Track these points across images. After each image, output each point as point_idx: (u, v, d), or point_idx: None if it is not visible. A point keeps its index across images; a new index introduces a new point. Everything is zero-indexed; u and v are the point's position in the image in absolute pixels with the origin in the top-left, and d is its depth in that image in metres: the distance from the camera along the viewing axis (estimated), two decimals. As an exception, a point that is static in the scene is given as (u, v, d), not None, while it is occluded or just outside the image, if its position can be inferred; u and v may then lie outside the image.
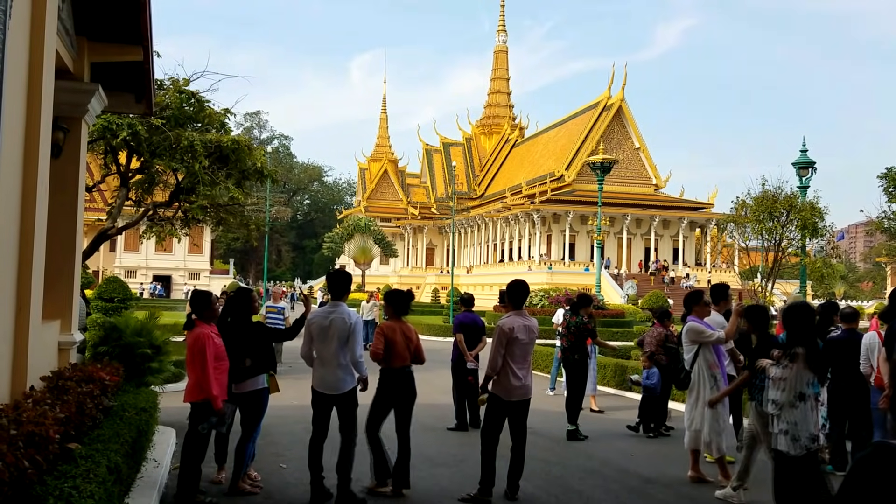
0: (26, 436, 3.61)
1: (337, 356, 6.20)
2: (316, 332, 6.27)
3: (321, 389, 6.25)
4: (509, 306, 6.72)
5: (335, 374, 6.20)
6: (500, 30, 76.85)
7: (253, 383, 6.40)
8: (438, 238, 73.43)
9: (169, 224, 15.68)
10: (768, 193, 18.54)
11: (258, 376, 6.44)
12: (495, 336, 6.53)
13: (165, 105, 12.54)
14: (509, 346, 6.46)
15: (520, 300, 6.68)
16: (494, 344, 6.52)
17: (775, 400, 5.73)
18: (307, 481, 6.32)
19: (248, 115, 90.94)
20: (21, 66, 4.87)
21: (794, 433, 5.57)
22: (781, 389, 5.69)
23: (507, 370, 6.48)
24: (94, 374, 5.79)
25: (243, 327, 6.50)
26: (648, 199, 56.16)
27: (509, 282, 6.83)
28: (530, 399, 6.69)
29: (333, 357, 6.20)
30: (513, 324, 6.51)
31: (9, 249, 4.79)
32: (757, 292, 19.20)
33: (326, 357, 6.22)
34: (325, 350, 6.22)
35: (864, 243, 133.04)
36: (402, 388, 6.60)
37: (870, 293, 74.55)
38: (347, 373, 6.26)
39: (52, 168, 5.84)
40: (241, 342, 6.36)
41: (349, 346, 6.22)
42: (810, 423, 5.57)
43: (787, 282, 29.50)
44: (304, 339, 6.42)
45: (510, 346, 6.47)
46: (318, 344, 6.27)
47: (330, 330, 6.20)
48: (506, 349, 6.47)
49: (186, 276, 60.17)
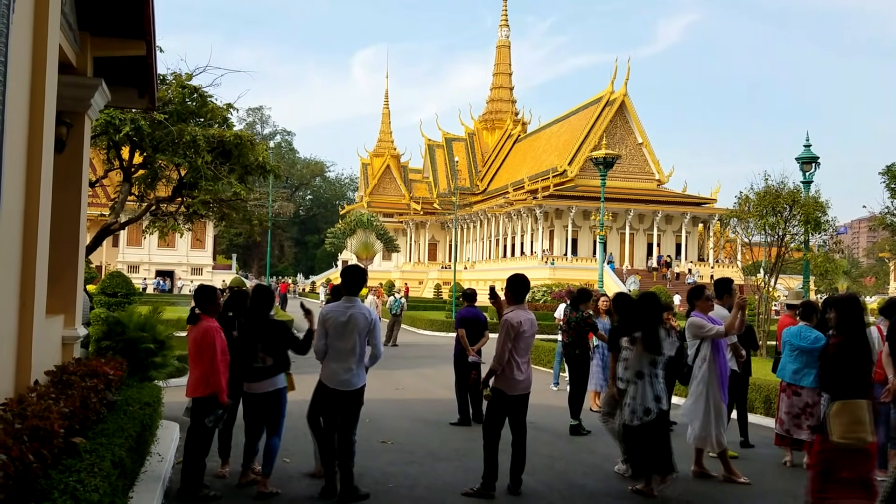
0: (31, 430, 3.62)
1: (354, 352, 6.10)
2: (333, 328, 6.12)
3: (330, 385, 6.13)
4: (510, 301, 6.70)
5: (349, 371, 6.09)
6: (503, 25, 76.67)
7: (273, 382, 6.36)
8: (441, 233, 73.40)
9: (172, 219, 15.70)
10: (771, 188, 18.50)
11: (279, 375, 6.40)
12: (502, 330, 6.52)
13: (168, 100, 12.54)
14: (516, 341, 6.48)
15: (521, 294, 6.68)
16: (502, 338, 6.50)
17: (622, 377, 6.75)
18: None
19: (250, 111, 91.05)
20: (24, 61, 4.87)
21: (633, 406, 6.53)
22: (626, 368, 6.72)
23: (512, 364, 6.50)
24: (97, 369, 5.80)
25: (263, 325, 6.41)
26: (651, 194, 56.05)
27: (509, 276, 6.81)
28: (530, 393, 6.72)
29: (350, 353, 6.09)
30: (519, 318, 6.51)
31: (12, 244, 4.80)
32: (760, 287, 19.18)
33: (342, 353, 6.10)
34: (341, 345, 6.09)
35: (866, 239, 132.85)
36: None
37: (873, 289, 74.40)
38: (360, 369, 6.17)
39: (56, 163, 5.84)
40: (261, 340, 6.30)
41: (372, 342, 6.21)
42: (647, 398, 6.48)
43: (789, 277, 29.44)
44: (317, 334, 6.28)
45: (516, 341, 6.48)
46: (333, 340, 6.12)
47: (348, 325, 6.08)
48: (513, 343, 6.48)
49: (189, 272, 60.21)
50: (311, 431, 6.88)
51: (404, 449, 8.28)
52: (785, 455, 8.07)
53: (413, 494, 6.49)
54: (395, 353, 19.59)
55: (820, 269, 21.42)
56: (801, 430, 7.83)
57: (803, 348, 7.89)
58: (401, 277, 64.79)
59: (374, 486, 6.61)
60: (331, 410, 6.22)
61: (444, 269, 63.84)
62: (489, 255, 63.68)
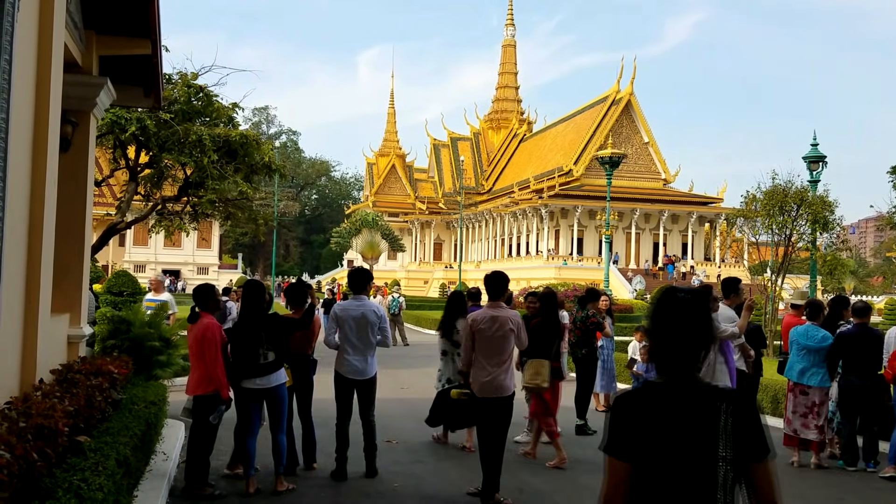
0: (35, 428, 3.61)
1: (367, 344, 6.81)
2: (349, 323, 6.78)
3: (348, 375, 6.78)
4: (489, 298, 6.50)
5: (365, 361, 6.81)
6: (508, 24, 76.57)
7: (277, 377, 6.32)
8: (446, 233, 73.37)
9: (178, 218, 15.70)
10: (778, 187, 18.40)
11: (280, 370, 6.37)
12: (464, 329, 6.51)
13: (174, 99, 12.55)
14: (476, 340, 6.24)
15: (494, 292, 6.36)
16: (463, 337, 6.50)
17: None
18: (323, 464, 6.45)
19: (256, 110, 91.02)
20: (30, 60, 4.87)
21: (439, 376, 8.54)
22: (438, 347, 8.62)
23: (477, 364, 6.24)
24: (103, 368, 5.80)
25: (259, 320, 6.35)
26: (657, 193, 55.90)
27: (486, 274, 6.58)
28: (508, 399, 6.24)
29: (364, 346, 6.80)
30: (476, 315, 6.33)
31: (18, 243, 4.79)
32: (767, 287, 19.09)
33: (358, 345, 6.78)
34: (356, 339, 6.78)
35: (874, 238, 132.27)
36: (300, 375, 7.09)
37: (880, 288, 74.09)
38: (373, 360, 6.92)
39: (61, 162, 5.84)
40: (259, 335, 6.23)
41: (382, 334, 6.95)
42: (446, 373, 8.43)
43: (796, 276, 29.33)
44: (328, 327, 6.95)
45: (477, 340, 6.23)
46: (349, 333, 6.77)
47: (360, 321, 6.78)
48: (473, 342, 6.26)
49: (195, 271, 60.35)
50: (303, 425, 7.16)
51: (410, 448, 8.27)
52: (792, 455, 8.01)
53: (419, 493, 6.48)
54: (401, 353, 19.58)
55: (829, 267, 21.31)
56: (809, 429, 7.79)
57: (810, 347, 7.85)
58: (406, 277, 64.80)
59: (379, 486, 6.61)
60: (346, 399, 6.86)
61: (449, 268, 63.81)
62: (494, 255, 63.63)
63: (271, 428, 6.38)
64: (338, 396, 6.90)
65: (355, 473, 6.83)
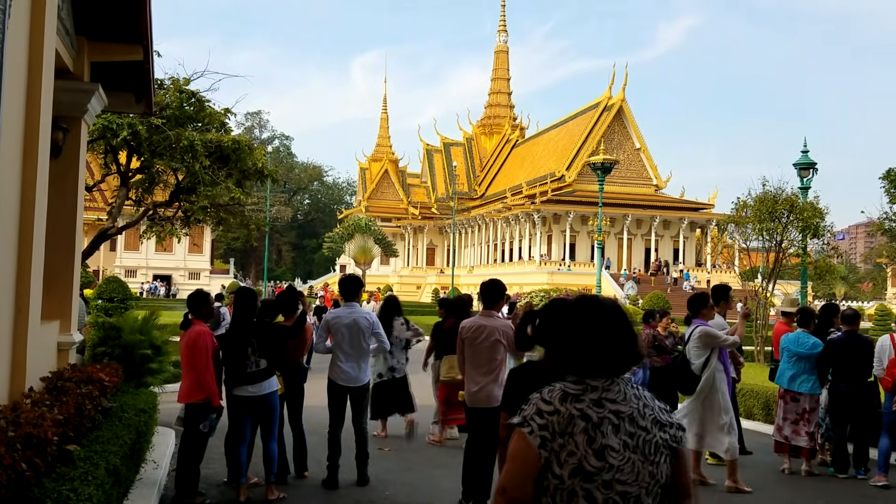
0: (24, 437, 3.58)
1: (359, 351, 6.83)
2: (341, 331, 6.77)
3: (341, 382, 6.76)
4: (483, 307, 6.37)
5: (359, 368, 6.82)
6: (501, 30, 76.78)
7: (270, 384, 6.24)
8: (439, 238, 73.39)
9: (169, 224, 15.65)
10: (769, 194, 18.51)
11: (272, 378, 6.29)
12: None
13: (166, 105, 12.53)
14: (466, 348, 6.11)
15: (489, 300, 6.25)
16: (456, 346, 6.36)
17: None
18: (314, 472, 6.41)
19: (248, 115, 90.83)
20: (20, 66, 4.85)
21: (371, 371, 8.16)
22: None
23: (467, 374, 6.13)
24: (93, 375, 5.76)
25: (251, 327, 6.28)
26: (649, 199, 56.11)
27: (482, 282, 6.47)
28: (498, 409, 5.87)
29: (356, 352, 6.81)
30: (465, 324, 6.20)
31: (8, 249, 4.77)
32: (758, 293, 19.17)
33: (350, 353, 6.78)
34: (349, 346, 6.78)
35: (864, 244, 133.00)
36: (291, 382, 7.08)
37: (870, 294, 74.50)
38: (366, 367, 6.95)
39: (52, 168, 5.81)
40: (251, 343, 6.13)
41: (377, 338, 6.99)
42: (377, 367, 8.79)
43: (787, 282, 29.45)
44: (320, 335, 7.01)
45: (467, 348, 6.11)
46: (341, 341, 6.77)
47: (352, 328, 6.79)
48: (464, 351, 6.14)
49: (187, 276, 60.10)
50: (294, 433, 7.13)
51: (401, 456, 8.25)
52: (783, 462, 8.03)
53: (411, 502, 6.46)
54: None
55: (818, 272, 21.40)
56: (800, 436, 7.80)
57: (801, 354, 7.87)
58: (399, 282, 64.70)
59: (371, 494, 6.58)
60: (339, 406, 6.84)
61: (442, 273, 63.79)
62: (487, 260, 63.67)
63: (262, 436, 6.34)
64: (331, 404, 6.85)
65: (347, 482, 6.80)
